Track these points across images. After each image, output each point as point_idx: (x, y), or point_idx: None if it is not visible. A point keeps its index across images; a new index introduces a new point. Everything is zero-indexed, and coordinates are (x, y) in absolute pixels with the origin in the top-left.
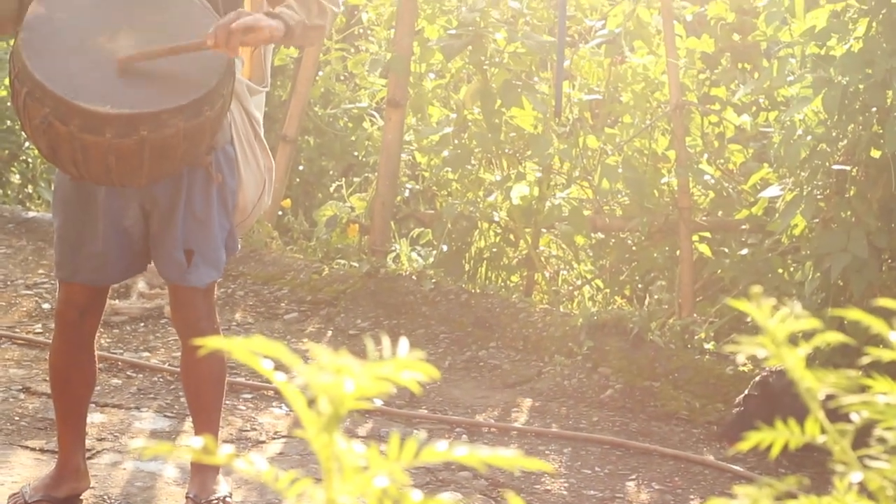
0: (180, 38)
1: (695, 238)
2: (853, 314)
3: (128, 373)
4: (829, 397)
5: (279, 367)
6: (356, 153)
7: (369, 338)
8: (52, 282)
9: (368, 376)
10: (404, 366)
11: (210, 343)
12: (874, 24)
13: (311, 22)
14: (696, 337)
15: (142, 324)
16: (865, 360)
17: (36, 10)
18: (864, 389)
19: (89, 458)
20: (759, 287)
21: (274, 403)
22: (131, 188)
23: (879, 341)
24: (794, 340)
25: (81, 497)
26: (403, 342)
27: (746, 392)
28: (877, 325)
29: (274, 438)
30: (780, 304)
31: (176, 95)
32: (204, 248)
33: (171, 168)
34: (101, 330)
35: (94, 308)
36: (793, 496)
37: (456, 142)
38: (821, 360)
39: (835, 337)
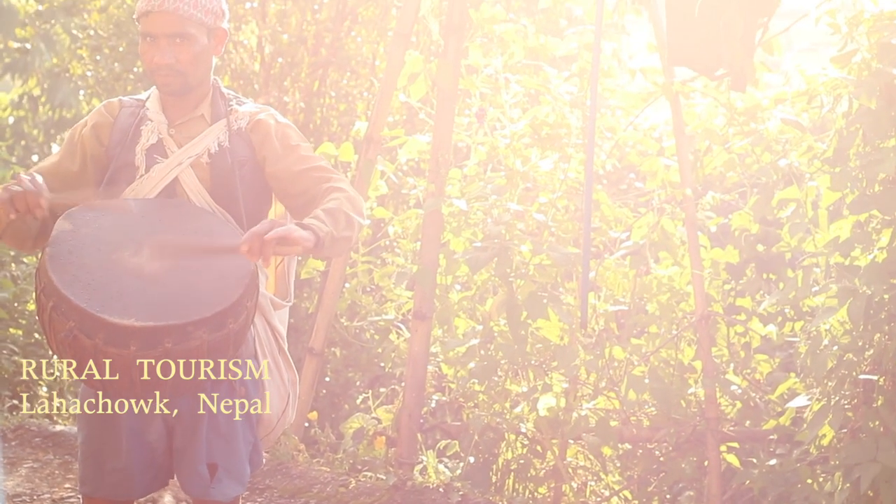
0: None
1: (723, 448)
2: None
3: None
4: None
5: None
6: (382, 365)
7: None
8: (79, 496)
9: None
10: None
11: None
12: None
13: (338, 234)
14: None
15: None
16: None
17: (62, 226)
18: None
19: None
20: None
21: None
22: None
23: None
24: None
25: None
26: None
27: None
28: None
29: None
30: None
31: (200, 307)
32: (228, 462)
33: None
34: None
35: None
36: None
37: (482, 353)
38: None
39: None
